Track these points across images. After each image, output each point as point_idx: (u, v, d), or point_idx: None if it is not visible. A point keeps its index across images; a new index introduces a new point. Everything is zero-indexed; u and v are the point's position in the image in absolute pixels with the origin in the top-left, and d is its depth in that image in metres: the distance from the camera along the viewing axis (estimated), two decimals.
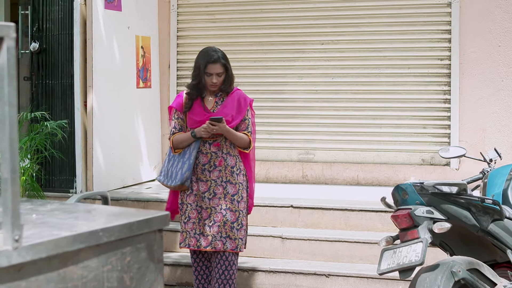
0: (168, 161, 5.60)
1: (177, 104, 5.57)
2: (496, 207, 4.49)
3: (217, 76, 5.44)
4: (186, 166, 5.45)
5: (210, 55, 5.45)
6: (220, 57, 5.45)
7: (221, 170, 5.51)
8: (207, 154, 5.49)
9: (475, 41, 8.23)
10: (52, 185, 8.19)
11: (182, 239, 5.55)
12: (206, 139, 5.47)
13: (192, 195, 5.51)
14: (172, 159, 5.58)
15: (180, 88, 9.25)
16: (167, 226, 2.63)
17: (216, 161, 5.50)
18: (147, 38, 8.91)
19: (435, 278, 4.12)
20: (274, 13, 8.92)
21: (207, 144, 5.49)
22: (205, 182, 5.50)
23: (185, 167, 5.45)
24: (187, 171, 5.44)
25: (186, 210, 5.53)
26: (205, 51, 5.52)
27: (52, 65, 8.18)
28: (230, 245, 5.42)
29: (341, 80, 8.69)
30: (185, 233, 5.53)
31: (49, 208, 2.70)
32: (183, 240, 5.54)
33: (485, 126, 8.22)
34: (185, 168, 5.44)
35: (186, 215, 5.52)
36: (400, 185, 4.47)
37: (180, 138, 5.51)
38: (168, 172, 5.55)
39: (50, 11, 8.16)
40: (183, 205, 5.55)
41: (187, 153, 5.49)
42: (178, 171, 5.48)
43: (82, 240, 2.24)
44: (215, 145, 5.49)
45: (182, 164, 5.48)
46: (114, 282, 2.39)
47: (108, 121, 8.17)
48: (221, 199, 5.48)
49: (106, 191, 3.68)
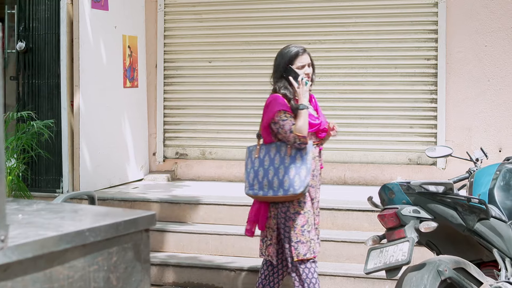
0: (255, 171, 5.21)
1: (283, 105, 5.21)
2: (482, 206, 4.50)
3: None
4: (304, 171, 5.07)
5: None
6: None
7: (320, 174, 5.37)
8: (314, 158, 5.22)
9: (462, 41, 8.25)
10: (39, 185, 8.17)
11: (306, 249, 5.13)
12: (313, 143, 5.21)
13: (309, 201, 5.19)
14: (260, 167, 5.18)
15: (167, 88, 9.24)
16: (153, 226, 2.63)
17: (318, 166, 5.32)
18: (134, 37, 8.89)
19: (422, 277, 4.14)
20: (261, 13, 8.92)
21: (313, 148, 5.21)
22: (314, 188, 5.26)
23: (302, 172, 5.07)
24: (308, 175, 5.07)
25: (308, 218, 5.16)
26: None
27: (39, 65, 8.15)
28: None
29: (327, 80, 8.70)
30: (308, 243, 5.14)
31: (35, 208, 2.69)
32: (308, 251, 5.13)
33: (472, 126, 8.24)
34: (304, 174, 5.05)
35: (309, 223, 5.16)
36: (387, 185, 4.48)
37: (300, 122, 5.07)
38: (264, 181, 5.15)
39: (37, 11, 8.13)
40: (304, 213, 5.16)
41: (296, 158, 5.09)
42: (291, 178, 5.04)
43: (68, 240, 2.24)
44: (320, 149, 5.33)
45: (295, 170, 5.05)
46: (101, 282, 2.39)
47: (95, 120, 8.15)
48: (319, 202, 5.37)
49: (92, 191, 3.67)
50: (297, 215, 5.16)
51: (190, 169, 9.21)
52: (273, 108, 5.20)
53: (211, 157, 9.15)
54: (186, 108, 9.23)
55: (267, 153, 5.22)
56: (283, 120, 5.12)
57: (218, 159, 9.11)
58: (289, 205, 5.17)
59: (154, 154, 9.30)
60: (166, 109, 9.27)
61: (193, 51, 9.19)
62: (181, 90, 9.24)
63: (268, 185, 5.13)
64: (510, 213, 4.82)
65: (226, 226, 7.24)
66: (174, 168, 9.26)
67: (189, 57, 9.20)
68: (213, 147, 9.14)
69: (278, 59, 5.37)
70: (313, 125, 5.20)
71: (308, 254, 5.14)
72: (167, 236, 7.19)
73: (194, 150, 9.22)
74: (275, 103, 5.23)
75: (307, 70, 5.26)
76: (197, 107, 9.16)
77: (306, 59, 5.28)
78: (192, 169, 9.20)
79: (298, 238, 5.15)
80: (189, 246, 7.12)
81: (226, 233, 7.06)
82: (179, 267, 6.80)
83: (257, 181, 5.19)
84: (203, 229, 7.20)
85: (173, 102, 9.27)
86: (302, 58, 5.26)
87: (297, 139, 5.06)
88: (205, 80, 9.13)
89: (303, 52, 5.28)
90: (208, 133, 9.14)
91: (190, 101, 9.21)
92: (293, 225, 5.15)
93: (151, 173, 9.24)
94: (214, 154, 9.15)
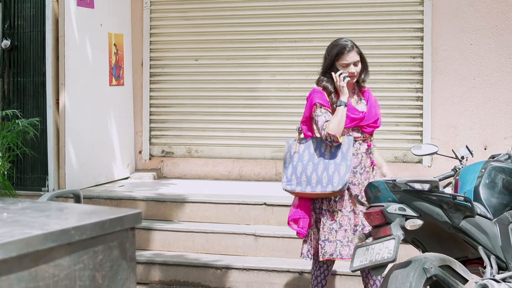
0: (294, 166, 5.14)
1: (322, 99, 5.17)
2: (467, 204, 4.52)
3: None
4: (344, 167, 4.97)
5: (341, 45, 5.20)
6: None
7: (369, 172, 5.21)
8: (357, 155, 5.13)
9: (447, 39, 8.28)
10: (24, 183, 8.14)
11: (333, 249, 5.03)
12: (356, 139, 5.13)
13: (343, 200, 5.07)
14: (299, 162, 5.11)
15: (153, 86, 9.23)
16: (139, 224, 2.62)
17: (365, 162, 5.18)
18: (120, 35, 8.87)
19: (407, 275, 4.14)
20: (247, 11, 8.92)
21: (357, 144, 5.13)
22: (357, 185, 5.12)
23: (342, 169, 4.97)
24: (347, 172, 4.97)
25: (336, 217, 5.05)
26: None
27: (24, 63, 8.12)
28: None
29: (314, 77, 8.66)
30: (334, 243, 5.03)
31: (21, 207, 2.68)
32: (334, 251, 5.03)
33: (457, 124, 8.27)
34: (344, 171, 4.96)
35: (337, 222, 5.05)
36: (373, 183, 4.48)
37: (334, 120, 5.00)
38: (302, 177, 5.08)
39: (22, 8, 8.10)
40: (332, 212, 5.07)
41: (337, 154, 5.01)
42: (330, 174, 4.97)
43: (53, 239, 2.23)
44: (368, 146, 5.20)
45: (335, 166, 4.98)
46: (86, 280, 2.38)
47: (81, 119, 8.12)
48: None
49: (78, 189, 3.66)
50: (328, 212, 5.07)
51: (176, 167, 9.20)
52: (311, 102, 5.18)
53: (197, 155, 9.14)
54: (172, 106, 9.22)
55: (307, 148, 5.15)
56: (317, 115, 5.09)
57: (204, 157, 9.11)
58: (322, 201, 5.11)
59: (140, 152, 9.28)
60: (152, 107, 9.26)
61: (179, 49, 9.18)
62: (167, 88, 9.23)
63: (307, 181, 5.05)
64: (495, 210, 4.83)
65: (212, 224, 7.24)
66: (160, 166, 9.25)
67: (175, 55, 9.19)
68: (199, 145, 9.14)
69: (326, 52, 5.30)
70: (353, 119, 5.11)
71: (334, 255, 5.04)
72: (153, 234, 7.18)
73: (180, 148, 9.21)
74: (314, 96, 5.20)
75: (352, 69, 5.15)
76: (183, 105, 9.15)
77: (352, 58, 5.15)
78: (178, 167, 9.19)
79: (326, 236, 5.06)
80: (176, 244, 7.11)
81: (212, 231, 7.06)
82: (165, 265, 6.79)
83: (295, 177, 5.12)
84: (190, 227, 7.20)
85: (159, 100, 9.25)
86: (347, 56, 5.15)
87: (328, 137, 4.99)
88: (191, 78, 9.12)
89: (350, 50, 5.16)
90: (194, 131, 9.13)
91: (176, 99, 9.20)
92: (323, 222, 5.08)
93: (137, 171, 9.22)
94: (200, 152, 9.14)
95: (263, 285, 6.51)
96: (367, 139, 5.22)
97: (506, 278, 4.57)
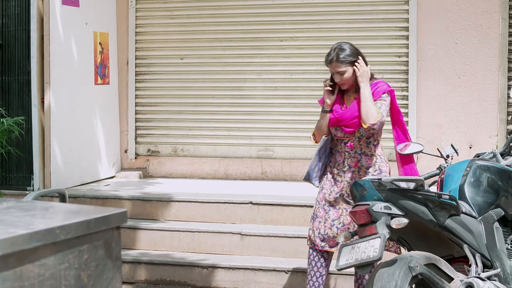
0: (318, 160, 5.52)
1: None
2: (452, 202, 4.53)
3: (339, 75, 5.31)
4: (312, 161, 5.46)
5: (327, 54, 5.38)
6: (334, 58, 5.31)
7: (355, 171, 5.30)
8: (342, 153, 5.33)
9: (433, 38, 8.31)
10: (9, 182, 8.11)
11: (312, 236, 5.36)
12: (340, 138, 5.31)
13: (322, 193, 5.36)
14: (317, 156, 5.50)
15: (138, 85, 9.21)
16: (125, 224, 2.62)
17: (350, 161, 5.30)
18: (105, 34, 8.85)
19: (393, 273, 4.15)
20: (233, 10, 8.92)
21: (342, 144, 5.31)
22: (340, 182, 5.30)
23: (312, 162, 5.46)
24: (312, 166, 5.45)
25: (314, 207, 5.40)
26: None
27: (9, 61, 8.09)
28: None
29: (300, 76, 8.72)
30: (311, 231, 5.35)
31: (5, 206, 2.67)
32: (309, 238, 5.38)
33: (442, 123, 8.30)
34: (311, 163, 5.46)
35: (314, 212, 5.39)
36: (358, 181, 4.49)
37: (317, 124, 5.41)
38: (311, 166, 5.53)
39: (7, 7, 8.07)
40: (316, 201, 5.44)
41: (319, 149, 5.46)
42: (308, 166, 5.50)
43: (38, 238, 2.22)
44: (349, 146, 5.30)
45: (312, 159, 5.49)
46: (72, 280, 2.37)
47: (66, 118, 8.10)
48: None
49: (63, 189, 3.65)
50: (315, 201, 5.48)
51: (162, 166, 9.19)
52: None
53: (183, 154, 9.13)
54: (158, 105, 9.21)
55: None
56: None
57: (190, 156, 9.10)
58: None
59: (125, 151, 9.26)
60: (138, 106, 9.24)
61: (164, 48, 9.17)
62: (153, 87, 9.21)
63: None
64: (480, 209, 4.85)
65: (198, 223, 7.24)
66: (146, 165, 9.23)
67: (160, 54, 9.18)
68: (185, 144, 9.13)
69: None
70: (332, 119, 5.32)
71: (308, 242, 5.38)
72: (139, 233, 7.17)
73: (166, 147, 9.20)
74: None
75: (337, 78, 5.33)
76: (169, 104, 9.14)
77: (333, 69, 5.32)
78: (164, 166, 9.18)
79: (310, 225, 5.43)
80: (162, 244, 7.11)
81: (198, 230, 7.05)
82: (151, 265, 6.78)
83: None
84: (175, 226, 7.19)
85: (145, 99, 9.24)
86: (329, 67, 5.38)
87: (311, 137, 5.46)
88: (177, 77, 9.11)
89: (329, 62, 5.35)
90: (180, 130, 9.12)
91: (162, 98, 9.19)
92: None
93: (122, 170, 9.21)
94: (186, 151, 9.13)
95: (250, 284, 6.51)
96: (350, 139, 5.31)
97: (491, 276, 4.59)
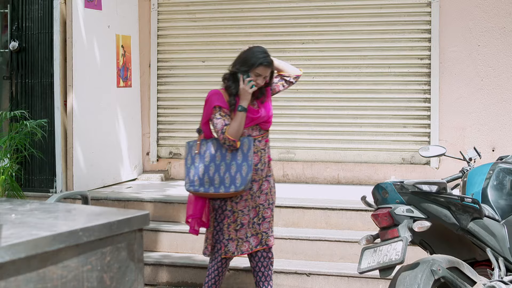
0: (196, 167, 5.21)
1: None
2: (475, 205, 4.51)
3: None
4: (245, 168, 5.10)
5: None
6: None
7: (266, 165, 5.31)
8: (257, 152, 5.24)
9: (455, 40, 8.27)
10: (32, 184, 8.15)
11: (234, 247, 5.23)
12: (255, 137, 5.23)
13: (243, 200, 5.22)
14: (201, 163, 5.19)
15: (160, 88, 9.24)
16: (147, 226, 2.62)
17: (265, 158, 5.29)
18: (127, 37, 8.88)
19: (415, 277, 4.14)
20: (255, 12, 8.92)
21: (256, 142, 5.24)
22: (257, 181, 5.26)
23: (244, 169, 5.11)
24: (249, 172, 5.10)
25: (238, 217, 5.23)
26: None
27: (32, 64, 8.14)
28: (273, 239, 5.38)
29: (321, 79, 8.70)
30: (236, 241, 5.23)
31: (29, 208, 2.68)
32: (236, 248, 5.23)
33: (465, 125, 8.26)
34: (246, 171, 5.09)
35: (238, 222, 5.23)
36: (380, 184, 4.48)
37: (234, 125, 5.13)
38: (205, 178, 5.17)
39: (30, 10, 8.12)
40: (233, 213, 5.23)
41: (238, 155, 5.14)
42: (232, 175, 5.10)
43: (61, 240, 2.23)
44: (266, 141, 5.30)
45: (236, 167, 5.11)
46: (94, 282, 2.38)
47: (88, 120, 8.13)
48: (267, 194, 5.31)
49: (86, 191, 3.67)
50: (231, 213, 5.23)
51: (183, 169, 9.19)
52: (211, 104, 5.25)
53: None
54: (180, 108, 9.23)
55: (208, 149, 5.24)
56: (217, 118, 5.18)
57: None
58: (226, 202, 5.24)
59: (147, 153, 9.29)
60: (160, 109, 9.26)
61: (186, 51, 9.18)
62: (175, 89, 9.23)
63: (210, 182, 5.15)
64: (503, 212, 4.82)
65: None
66: (167, 168, 9.25)
67: (182, 57, 9.19)
68: None
69: (245, 55, 5.30)
70: (252, 119, 5.22)
71: (235, 253, 5.27)
72: (161, 235, 7.18)
73: None
74: (213, 98, 5.27)
75: (260, 81, 5.23)
76: (191, 107, 9.15)
77: (266, 72, 5.24)
78: None
79: (230, 235, 5.25)
80: (183, 246, 7.12)
81: None
82: (173, 267, 6.79)
83: (197, 177, 5.19)
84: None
85: (167, 101, 9.26)
86: (263, 70, 5.21)
87: (226, 141, 5.14)
88: (198, 79, 9.12)
89: (268, 66, 5.23)
90: None
91: (183, 100, 9.21)
92: (228, 222, 5.25)
93: (144, 172, 9.23)
94: None
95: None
96: (265, 135, 5.32)
97: None
